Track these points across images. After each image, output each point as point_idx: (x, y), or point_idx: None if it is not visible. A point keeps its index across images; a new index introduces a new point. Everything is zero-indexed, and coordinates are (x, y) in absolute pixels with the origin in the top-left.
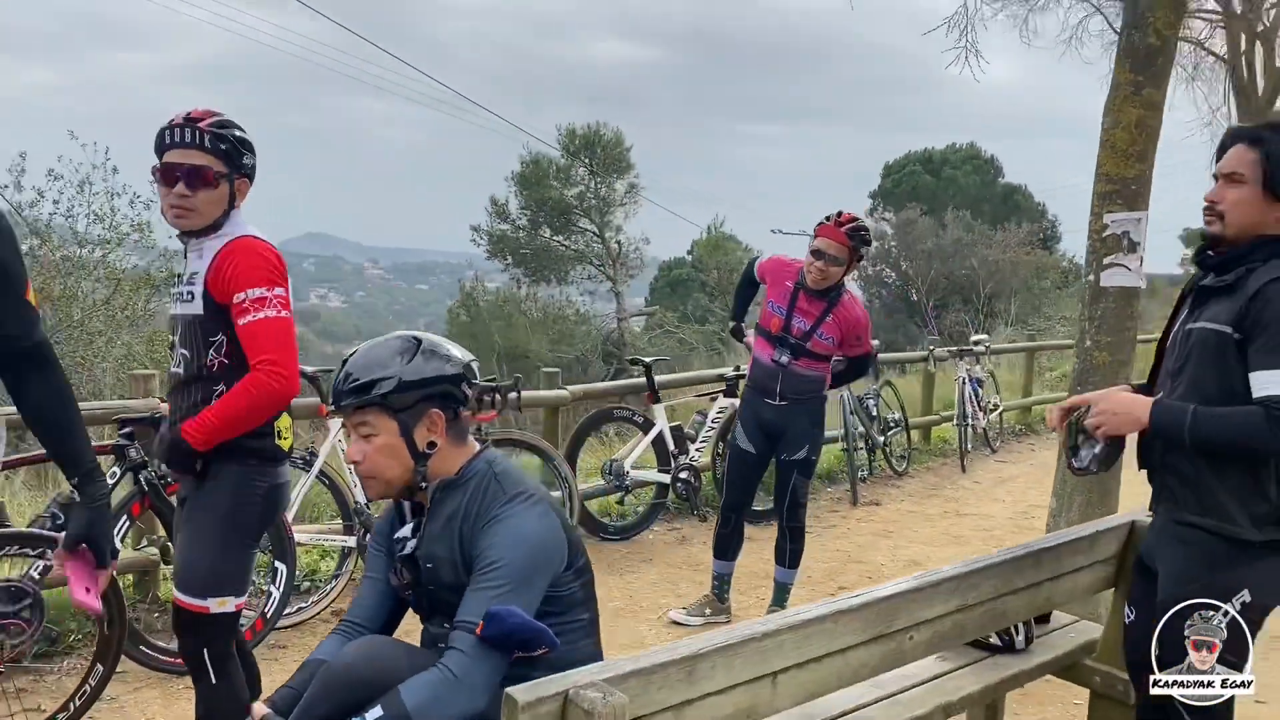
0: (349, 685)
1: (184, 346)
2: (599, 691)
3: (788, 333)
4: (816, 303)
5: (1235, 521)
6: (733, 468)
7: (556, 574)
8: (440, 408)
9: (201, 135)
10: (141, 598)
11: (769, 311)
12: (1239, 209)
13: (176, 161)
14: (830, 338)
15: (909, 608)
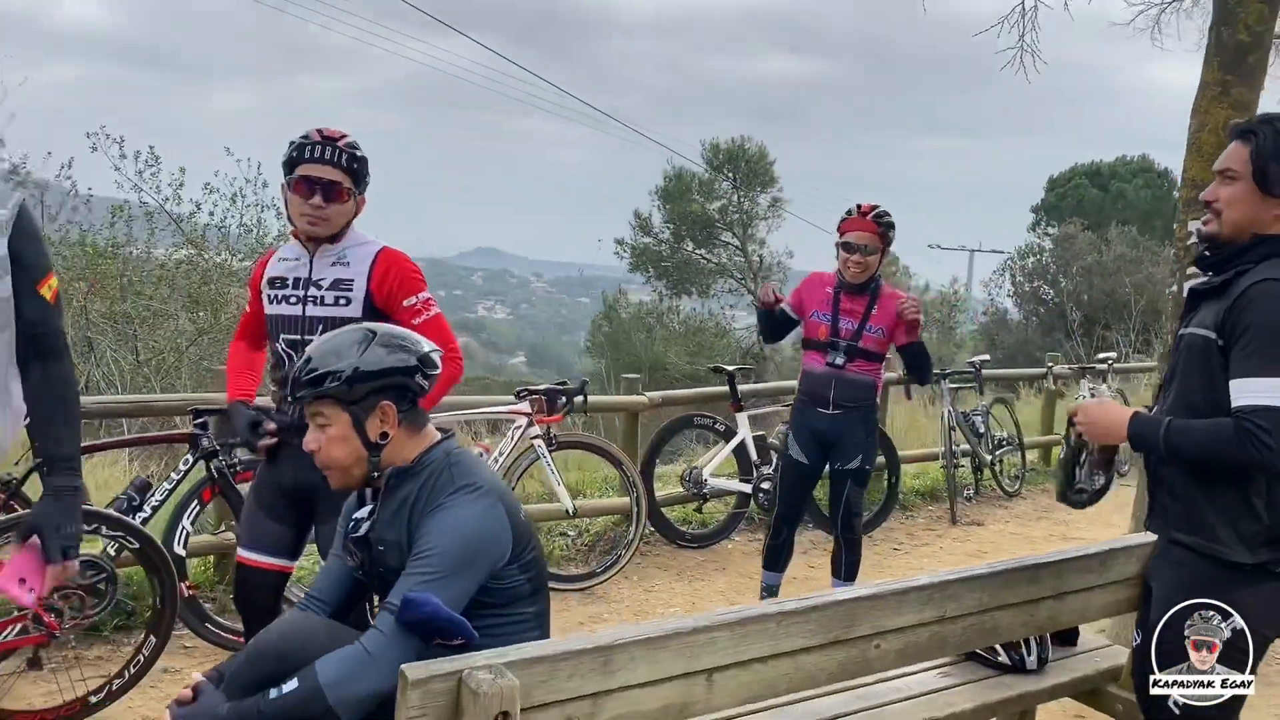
0: (272, 657)
1: None
2: (492, 673)
3: (837, 336)
4: (858, 299)
5: (1224, 542)
6: (785, 479)
7: (496, 567)
8: (393, 399)
9: (339, 153)
10: (220, 579)
11: (814, 322)
12: (1233, 206)
13: (315, 175)
14: (879, 328)
15: (870, 615)
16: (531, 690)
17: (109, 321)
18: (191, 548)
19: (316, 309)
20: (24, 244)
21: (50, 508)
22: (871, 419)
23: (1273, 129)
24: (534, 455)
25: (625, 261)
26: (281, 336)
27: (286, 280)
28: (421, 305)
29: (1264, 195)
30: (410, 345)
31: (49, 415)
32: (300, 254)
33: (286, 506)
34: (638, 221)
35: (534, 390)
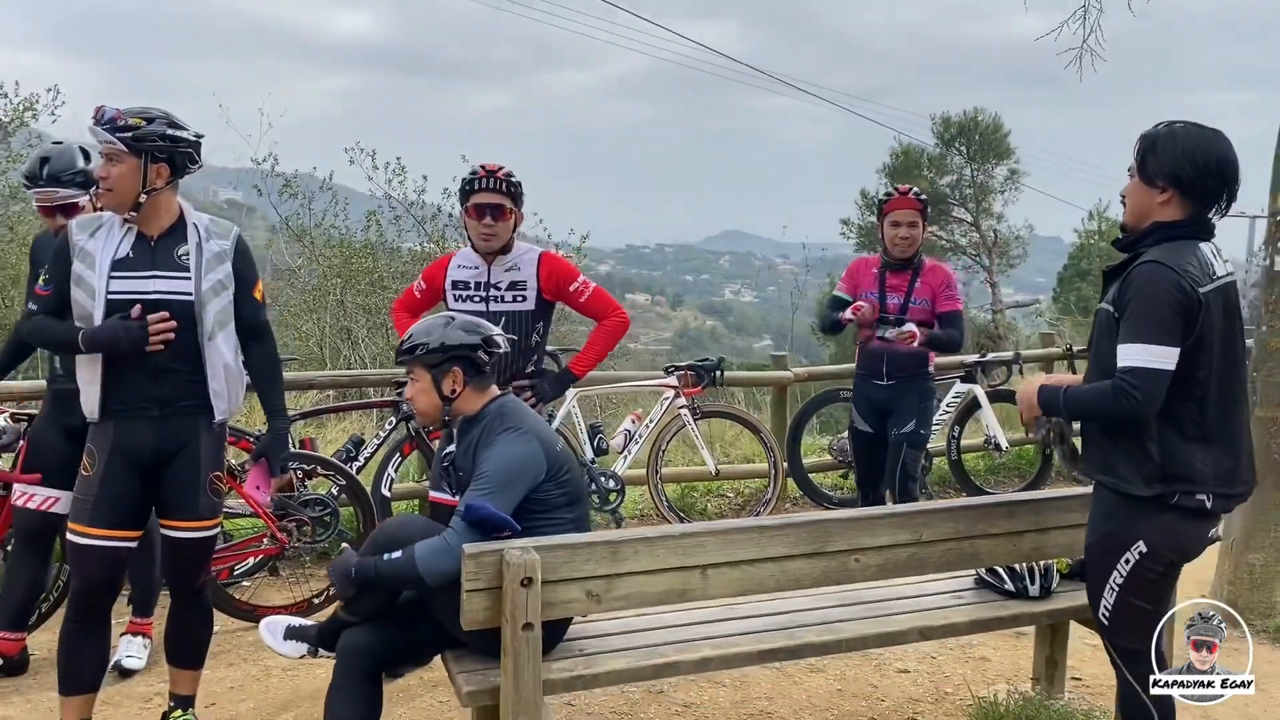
0: (388, 539)
1: (510, 333)
2: (522, 551)
3: (886, 312)
4: (902, 275)
5: (1126, 479)
6: (856, 447)
7: (535, 484)
8: (461, 367)
9: (499, 182)
10: None
11: (865, 302)
12: (1129, 197)
13: (484, 202)
14: (923, 300)
15: (846, 533)
16: (557, 567)
17: (363, 313)
18: (395, 491)
19: (499, 305)
20: (241, 264)
21: (272, 439)
22: (926, 387)
23: (1163, 127)
24: (680, 423)
25: (853, 241)
26: None
27: (469, 284)
28: (582, 286)
29: (1147, 185)
30: (479, 330)
31: (268, 379)
32: (479, 263)
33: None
34: (864, 201)
35: (679, 366)
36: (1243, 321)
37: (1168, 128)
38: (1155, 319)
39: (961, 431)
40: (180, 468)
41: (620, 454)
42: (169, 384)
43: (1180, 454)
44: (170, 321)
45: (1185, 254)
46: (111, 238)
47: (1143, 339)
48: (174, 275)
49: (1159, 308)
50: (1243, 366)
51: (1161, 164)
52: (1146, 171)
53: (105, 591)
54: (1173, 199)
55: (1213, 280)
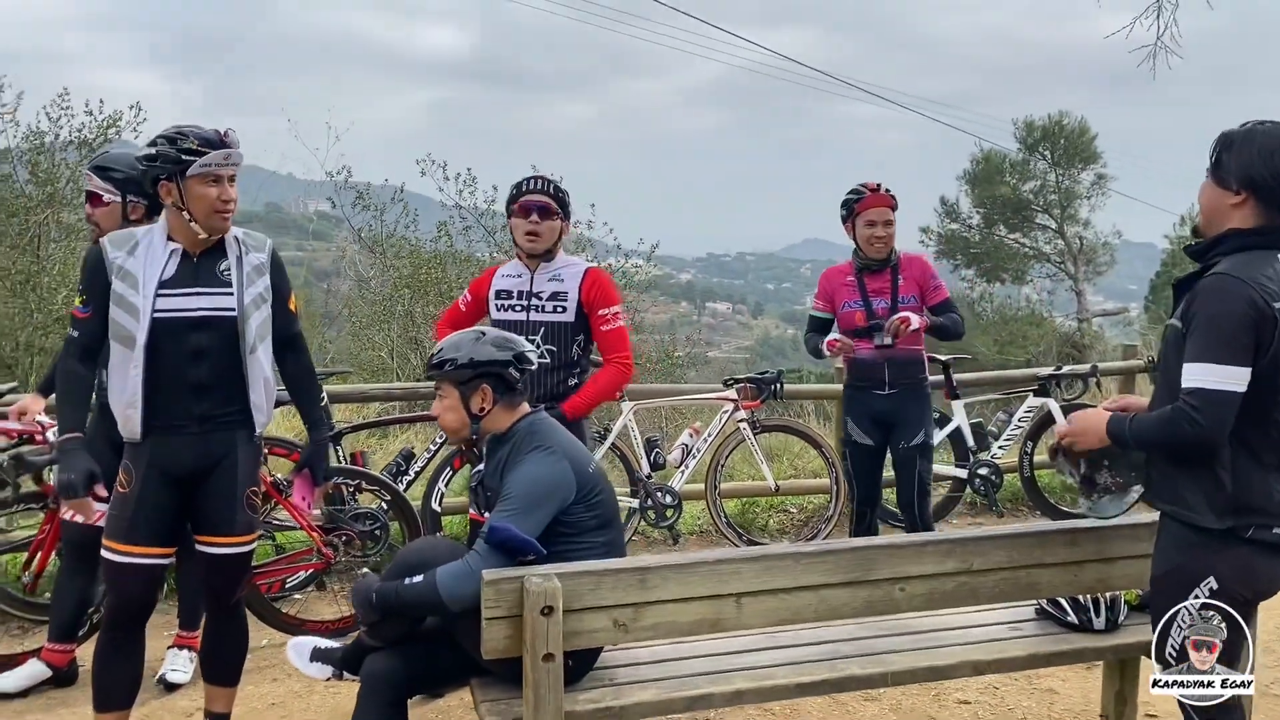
0: (411, 563)
1: (550, 344)
2: (543, 579)
3: (876, 317)
4: (881, 276)
5: (1196, 510)
6: (855, 463)
7: (564, 505)
8: (491, 384)
9: (548, 184)
10: None
11: (847, 313)
12: (1202, 199)
13: (531, 201)
14: (911, 297)
15: (889, 561)
16: (581, 595)
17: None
18: (446, 506)
19: (538, 315)
20: (278, 277)
21: (314, 450)
22: (926, 395)
23: (1244, 126)
24: (740, 437)
25: (931, 249)
26: None
27: (511, 293)
28: (612, 316)
29: (1218, 186)
30: (510, 346)
31: (306, 391)
32: (522, 271)
33: None
34: (943, 207)
35: (739, 379)
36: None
37: (1249, 127)
38: (1223, 336)
39: (1034, 448)
40: (217, 483)
41: (677, 469)
42: (210, 400)
43: (1256, 483)
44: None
45: (1261, 265)
46: (154, 256)
47: (1208, 358)
48: (218, 291)
49: (1227, 324)
50: None
51: (1237, 164)
52: (1220, 171)
53: (140, 609)
54: (1247, 202)
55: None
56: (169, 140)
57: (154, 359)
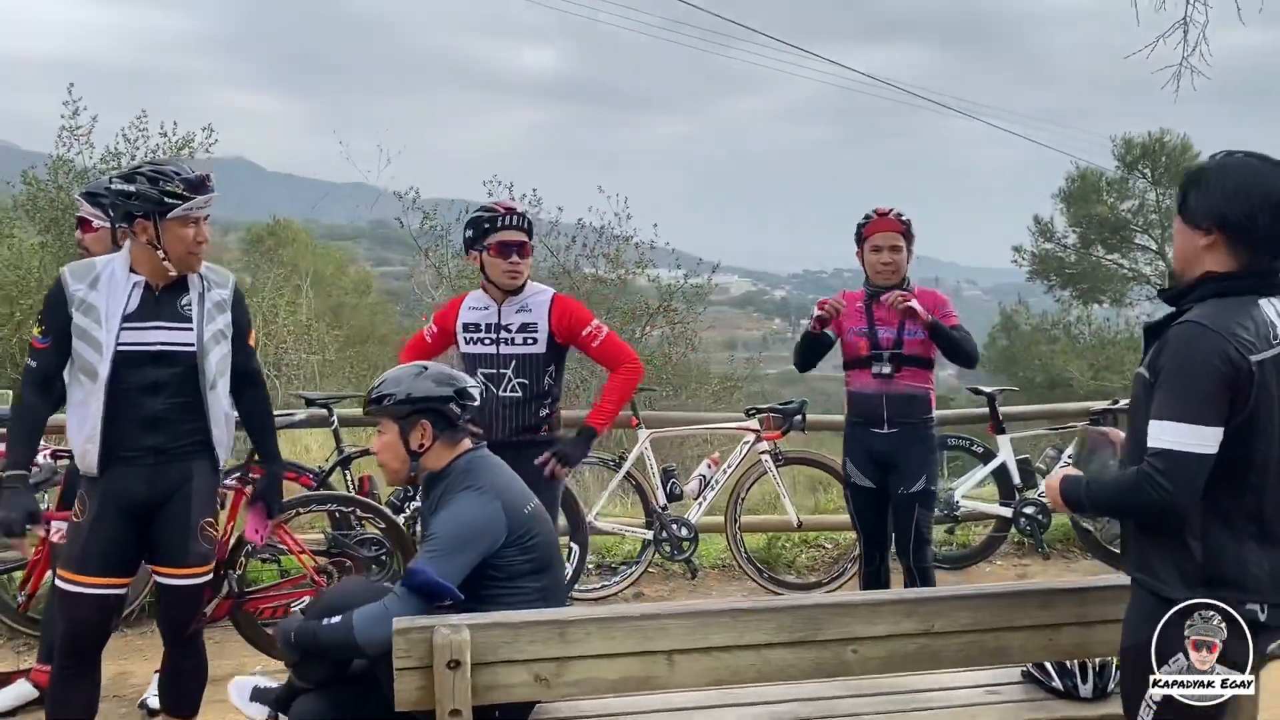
0: (331, 604)
1: (521, 377)
2: (451, 630)
3: (878, 347)
4: None
5: (1165, 580)
6: (855, 505)
7: (493, 548)
8: (430, 420)
9: (522, 219)
10: None
11: (852, 340)
12: (1175, 241)
13: (509, 240)
14: (916, 329)
15: (838, 621)
16: (496, 647)
17: None
18: None
19: (508, 348)
20: (239, 313)
21: (267, 483)
22: (930, 437)
23: (1217, 159)
24: (761, 469)
25: (1024, 269)
26: (479, 370)
27: (479, 325)
28: (595, 331)
29: (1188, 227)
30: (451, 381)
31: (261, 424)
32: (489, 304)
33: None
34: (1037, 227)
35: (761, 409)
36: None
37: (1219, 160)
38: (1191, 392)
39: None
40: (172, 515)
41: (695, 500)
42: (165, 432)
43: (1230, 554)
44: None
45: (1237, 313)
46: (116, 289)
47: (1177, 416)
48: (177, 326)
49: (1196, 379)
50: None
51: (1205, 202)
52: (1188, 211)
53: (93, 638)
54: (1218, 244)
55: (1274, 346)
56: (150, 179)
57: (112, 391)
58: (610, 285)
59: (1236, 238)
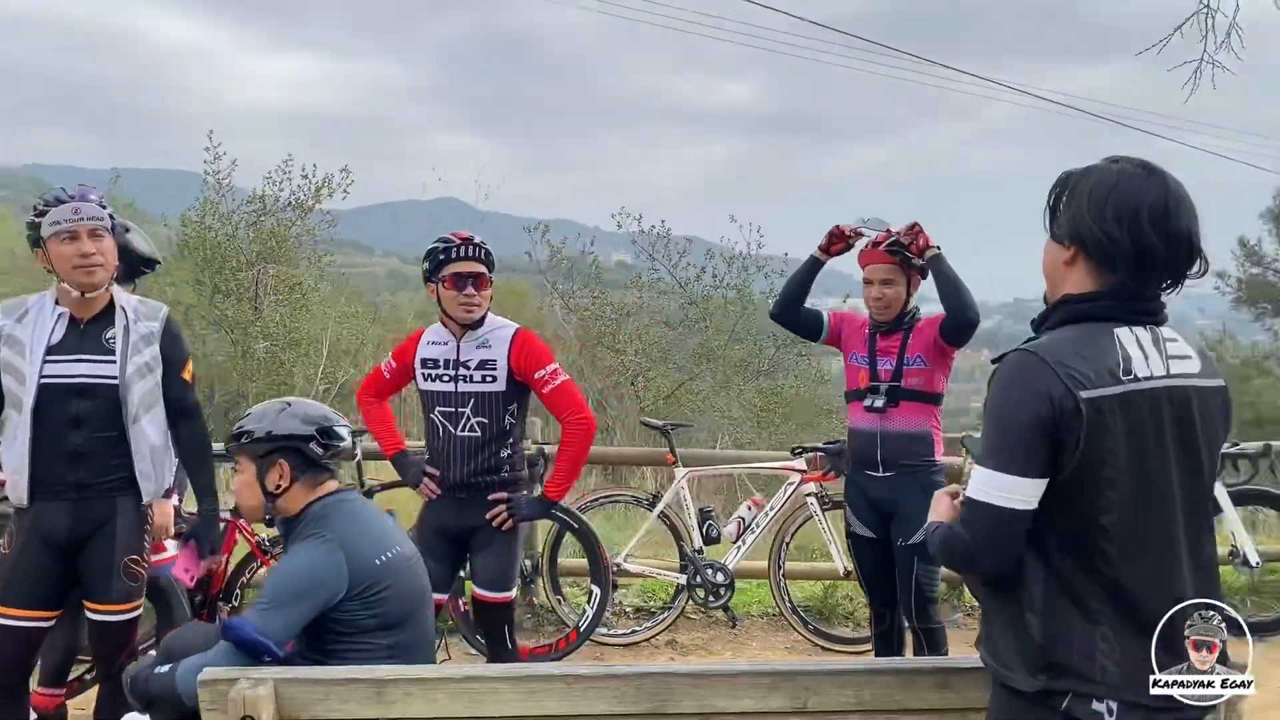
0: (168, 650)
1: (480, 416)
2: (251, 685)
3: (877, 379)
4: (893, 337)
5: (1010, 665)
6: (859, 558)
7: (332, 601)
8: (289, 460)
9: (478, 250)
10: None
11: (853, 367)
12: (1044, 256)
13: (464, 271)
14: (918, 356)
15: (692, 692)
16: (307, 704)
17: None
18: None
19: (467, 385)
20: (169, 344)
21: (202, 522)
22: (932, 483)
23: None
24: (807, 513)
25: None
26: (436, 409)
27: (438, 361)
28: (549, 376)
29: (1053, 242)
30: (315, 419)
31: (196, 460)
32: (448, 339)
33: (446, 546)
34: (1243, 250)
35: (808, 448)
36: (1216, 442)
37: (1090, 165)
38: (1004, 435)
39: None
40: (95, 550)
41: (733, 544)
42: (86, 467)
43: (1075, 635)
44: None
45: (1085, 344)
46: (43, 323)
47: (988, 462)
48: (100, 359)
49: (1012, 419)
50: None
51: (1067, 213)
52: (1054, 221)
53: (14, 670)
54: (1077, 261)
55: (1124, 382)
56: (35, 209)
57: (37, 424)
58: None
59: (1094, 254)
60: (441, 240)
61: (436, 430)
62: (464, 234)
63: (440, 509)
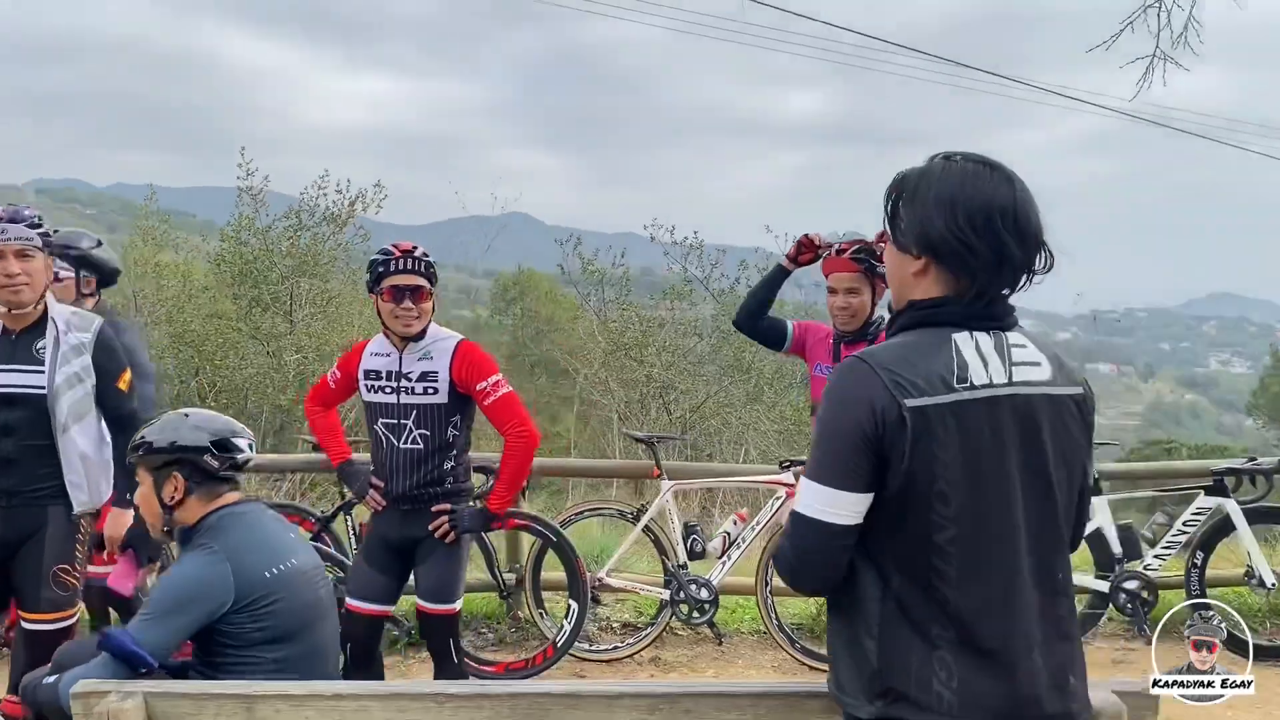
0: (59, 661)
1: (422, 428)
2: (120, 696)
3: None
4: (858, 346)
5: (849, 692)
6: None
7: (217, 613)
8: (183, 472)
9: (417, 262)
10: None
11: (819, 379)
12: (886, 264)
13: (402, 284)
14: None
15: (567, 714)
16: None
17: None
18: None
19: (409, 397)
20: (101, 356)
21: (138, 530)
22: None
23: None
24: None
25: None
26: (380, 420)
27: (381, 373)
28: (491, 388)
29: (897, 250)
30: (210, 430)
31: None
32: (390, 350)
33: (391, 557)
34: None
35: (795, 461)
36: (1073, 454)
37: (925, 166)
38: (825, 448)
39: (1206, 560)
40: (25, 559)
41: (719, 559)
42: (17, 475)
43: (914, 661)
44: None
45: (920, 351)
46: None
47: (810, 473)
48: (28, 369)
49: (831, 431)
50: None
51: (912, 220)
52: (897, 230)
53: None
54: (930, 269)
55: (957, 390)
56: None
57: None
58: None
59: (951, 264)
60: (382, 252)
61: (380, 442)
62: (405, 246)
63: (385, 521)
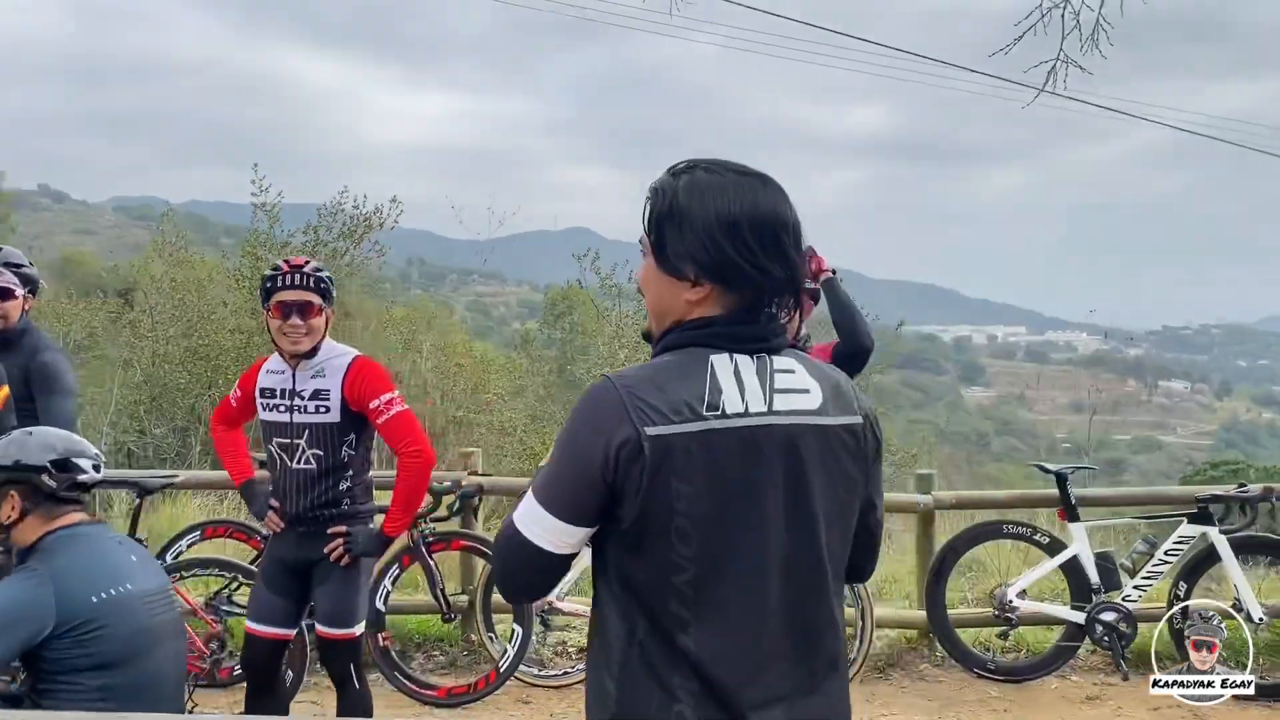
0: None
1: (315, 448)
2: None
3: None
4: None
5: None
6: None
7: (35, 638)
8: (19, 491)
9: (306, 278)
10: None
11: None
12: (645, 288)
13: (289, 299)
14: None
15: None
16: None
17: None
18: (391, 605)
19: (302, 416)
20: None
21: None
22: None
23: (677, 180)
24: None
25: None
26: (274, 440)
27: (275, 391)
28: (384, 406)
29: (664, 273)
30: (53, 449)
31: None
32: (284, 368)
33: (289, 580)
34: None
35: None
36: (849, 487)
37: (691, 177)
38: (553, 469)
39: (1190, 591)
40: None
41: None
42: None
43: (648, 709)
44: None
45: (670, 373)
46: None
47: (534, 486)
48: None
49: (562, 453)
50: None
51: (687, 243)
52: (665, 253)
53: None
54: (713, 294)
55: (706, 419)
56: None
57: None
58: None
59: (740, 285)
60: (274, 268)
61: (275, 462)
62: (297, 260)
63: (283, 542)
